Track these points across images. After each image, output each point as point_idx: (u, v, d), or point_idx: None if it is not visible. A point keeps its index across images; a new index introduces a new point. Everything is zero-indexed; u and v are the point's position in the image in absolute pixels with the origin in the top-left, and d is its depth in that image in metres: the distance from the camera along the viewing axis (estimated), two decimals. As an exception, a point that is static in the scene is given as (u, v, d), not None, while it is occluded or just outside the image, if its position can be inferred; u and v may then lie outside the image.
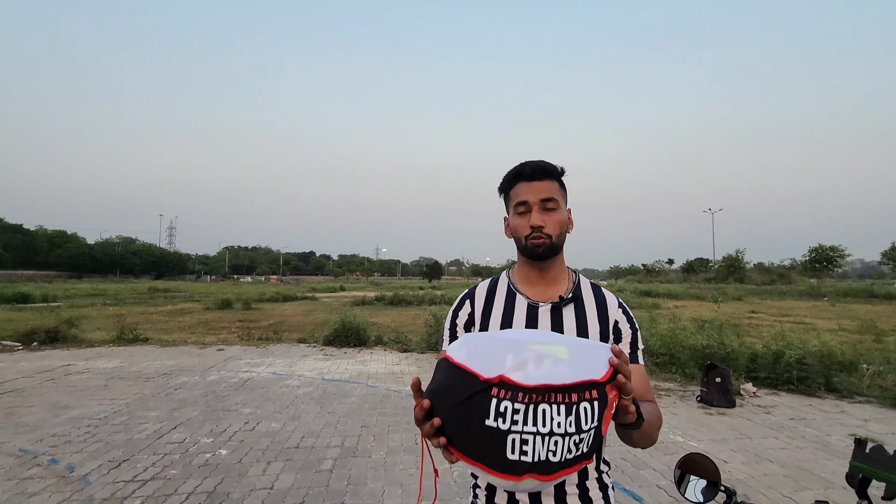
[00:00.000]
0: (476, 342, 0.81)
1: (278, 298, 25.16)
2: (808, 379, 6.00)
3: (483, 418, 0.73)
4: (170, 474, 3.39)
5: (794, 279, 51.43)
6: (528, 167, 1.12)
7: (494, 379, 0.73)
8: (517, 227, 1.13)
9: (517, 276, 1.20)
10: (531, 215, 1.09)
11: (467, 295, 1.22)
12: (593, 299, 1.16)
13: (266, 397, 5.53)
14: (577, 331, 1.10)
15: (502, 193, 1.18)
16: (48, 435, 4.19)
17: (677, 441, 4.22)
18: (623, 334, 1.14)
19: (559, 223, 1.11)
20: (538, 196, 1.09)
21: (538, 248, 1.09)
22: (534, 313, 1.12)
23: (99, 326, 12.07)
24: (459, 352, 0.80)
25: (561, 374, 0.74)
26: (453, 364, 0.78)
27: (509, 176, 1.15)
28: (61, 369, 7.06)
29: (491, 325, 1.15)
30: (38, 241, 78.57)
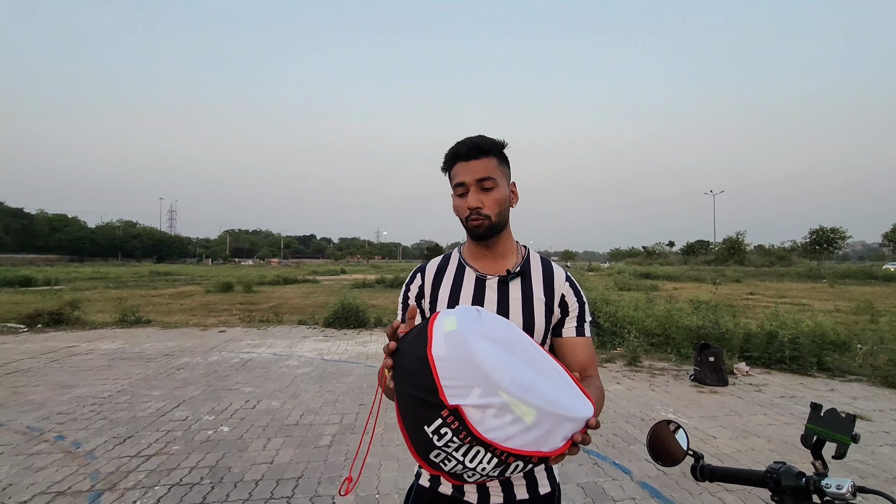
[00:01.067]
0: (459, 350, 0.76)
1: (279, 281, 25.32)
2: (801, 358, 6.09)
3: (424, 423, 0.76)
4: (173, 450, 3.49)
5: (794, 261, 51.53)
6: (463, 147, 1.10)
7: (451, 406, 0.73)
8: (457, 208, 1.13)
9: (467, 252, 1.21)
10: (468, 196, 1.09)
11: (419, 269, 1.24)
12: (541, 273, 1.17)
13: (266, 377, 5.63)
14: (523, 303, 1.12)
15: (445, 173, 1.16)
16: (54, 413, 4.29)
17: (669, 418, 4.31)
18: (570, 307, 1.15)
19: (498, 201, 1.10)
20: (474, 176, 1.08)
21: (478, 229, 1.10)
22: (481, 286, 1.14)
23: (101, 309, 12.19)
24: (440, 346, 0.77)
25: (513, 436, 0.73)
26: (427, 354, 0.77)
27: (448, 156, 1.13)
28: (65, 350, 7.17)
29: (440, 296, 1.16)
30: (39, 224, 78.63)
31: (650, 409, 4.54)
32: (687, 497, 2.87)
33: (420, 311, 1.20)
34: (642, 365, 6.40)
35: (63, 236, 78.28)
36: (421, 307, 1.20)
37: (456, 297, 1.14)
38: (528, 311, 1.12)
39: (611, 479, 3.09)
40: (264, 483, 2.99)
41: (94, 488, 2.89)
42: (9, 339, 8.22)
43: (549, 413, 0.73)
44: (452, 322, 0.80)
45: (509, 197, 1.14)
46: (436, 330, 0.79)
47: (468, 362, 0.74)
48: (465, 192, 1.10)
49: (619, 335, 7.46)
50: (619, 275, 30.35)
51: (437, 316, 0.83)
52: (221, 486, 2.95)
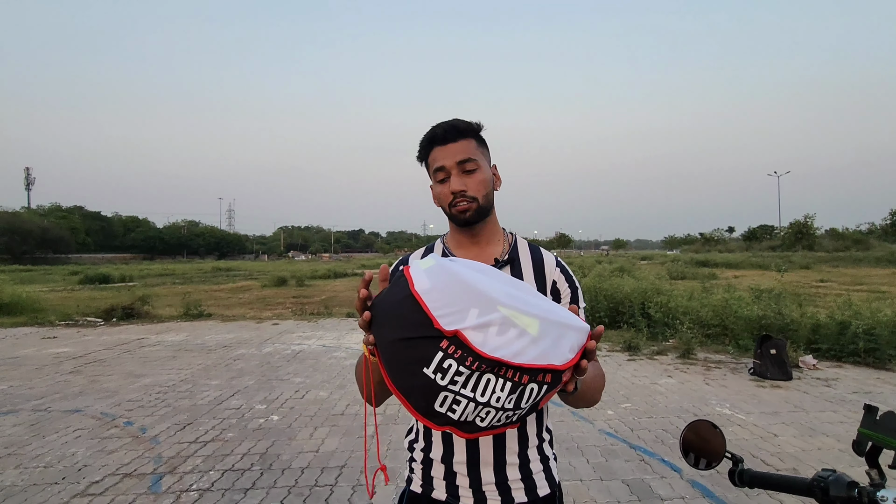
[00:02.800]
0: (444, 276, 0.72)
1: (329, 275, 26.16)
2: (878, 350, 5.58)
3: (422, 365, 0.69)
4: (227, 437, 3.68)
5: (873, 245, 47.23)
6: (439, 130, 1.04)
7: (449, 332, 0.67)
8: (439, 195, 1.07)
9: (451, 242, 1.15)
10: (451, 181, 1.03)
11: (402, 261, 1.17)
12: (530, 260, 1.12)
13: (315, 368, 5.83)
14: None
15: (422, 162, 1.11)
16: (124, 400, 4.64)
17: (724, 413, 4.08)
18: (562, 293, 1.10)
19: (482, 183, 1.04)
20: (454, 159, 1.02)
21: (464, 213, 1.04)
22: None
23: (168, 303, 13.06)
24: (422, 280, 0.72)
25: (521, 351, 0.68)
26: (411, 292, 0.71)
27: (423, 142, 1.07)
28: (136, 342, 7.74)
29: None
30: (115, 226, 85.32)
31: (704, 404, 4.32)
32: (743, 499, 2.70)
33: None
34: (696, 358, 6.09)
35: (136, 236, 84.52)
36: None
37: None
38: None
39: (659, 477, 2.96)
40: (310, 471, 3.10)
41: (156, 471, 3.10)
42: (88, 331, 8.98)
43: (552, 322, 0.70)
44: (430, 261, 0.77)
45: (493, 179, 1.08)
46: (413, 270, 0.75)
47: (457, 286, 0.70)
48: (445, 176, 1.04)
49: (672, 326, 7.13)
50: (674, 263, 29.03)
51: (411, 263, 0.81)
52: (270, 472, 3.08)
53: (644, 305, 8.02)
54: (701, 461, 1.02)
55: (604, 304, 8.45)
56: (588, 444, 3.45)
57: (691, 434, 1.05)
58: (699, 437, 1.04)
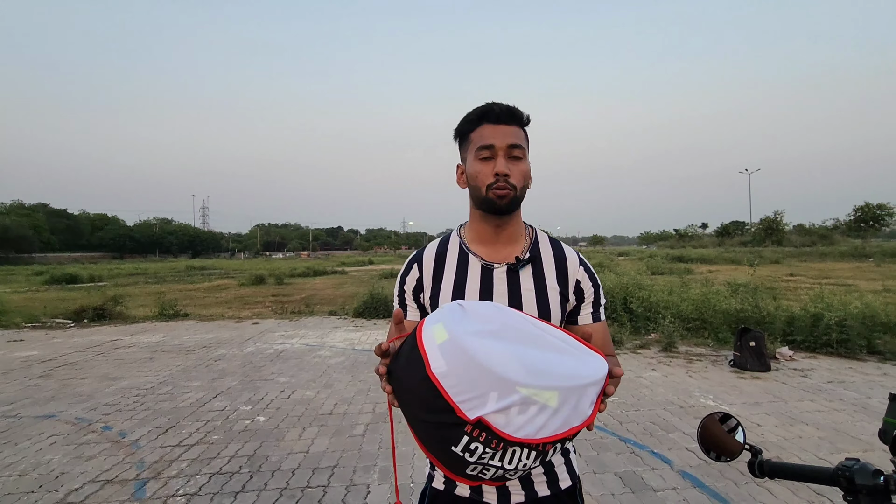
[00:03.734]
0: (459, 356, 0.70)
1: (309, 273, 25.79)
2: (849, 341, 5.79)
3: (450, 444, 0.71)
4: (212, 439, 3.58)
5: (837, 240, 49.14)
6: (496, 108, 0.99)
7: (472, 420, 0.68)
8: (478, 174, 0.99)
9: (469, 234, 1.09)
10: (496, 161, 0.97)
11: (415, 258, 1.11)
12: (552, 258, 1.07)
13: (300, 367, 5.73)
14: (537, 293, 1.03)
15: (458, 137, 1.05)
16: (100, 404, 4.47)
17: (708, 405, 4.17)
18: (585, 293, 1.07)
19: (524, 174, 1.00)
20: (505, 141, 0.97)
21: (502, 198, 0.98)
22: (489, 276, 1.03)
23: (142, 304, 12.67)
24: (438, 361, 0.71)
25: (544, 425, 0.69)
26: (428, 374, 0.70)
27: (473, 116, 1.01)
28: (110, 344, 7.48)
29: (442, 290, 1.05)
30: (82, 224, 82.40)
31: (688, 396, 4.40)
32: (732, 487, 2.76)
33: (419, 307, 1.10)
34: (678, 351, 6.22)
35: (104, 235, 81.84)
36: (419, 302, 1.09)
37: (461, 291, 1.03)
38: (542, 301, 1.02)
39: (650, 469, 3.00)
40: (301, 472, 3.04)
41: (139, 476, 2.99)
42: (57, 333, 8.63)
43: (570, 388, 0.71)
44: (442, 331, 0.73)
45: (530, 174, 1.04)
46: (427, 345, 0.73)
47: (474, 369, 0.69)
48: (490, 156, 0.98)
49: (654, 320, 7.26)
50: (652, 259, 29.62)
51: (423, 327, 0.76)
52: (260, 474, 3.01)
53: (626, 300, 8.14)
54: (720, 454, 1.02)
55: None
56: (579, 439, 3.48)
57: (707, 427, 1.05)
58: (716, 429, 1.04)
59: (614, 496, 2.69)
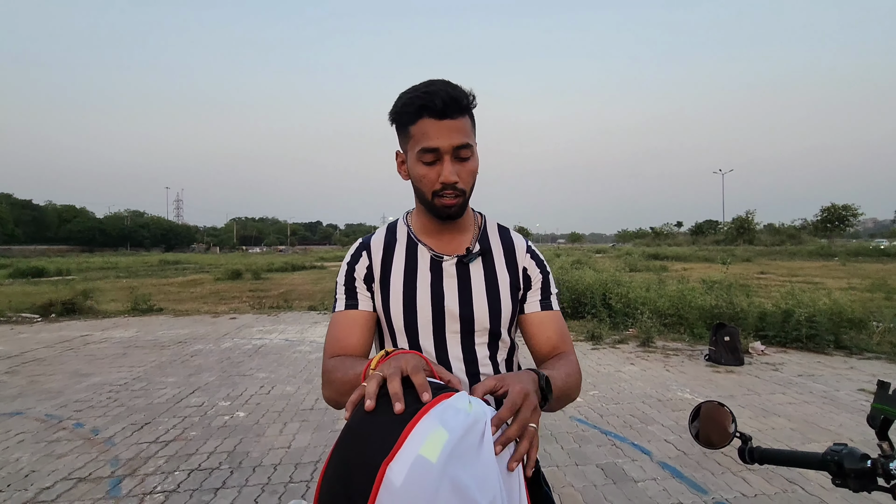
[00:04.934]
0: (418, 494, 0.53)
1: (287, 268, 25.41)
2: (818, 336, 6.00)
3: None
4: (190, 435, 3.50)
5: (805, 240, 50.94)
6: (437, 99, 0.84)
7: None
8: (423, 178, 0.90)
9: (417, 224, 1.03)
10: (442, 167, 0.88)
11: (363, 245, 1.05)
12: (501, 247, 1.04)
13: (280, 362, 5.65)
14: (487, 285, 0.99)
15: (395, 124, 0.93)
16: (71, 401, 4.33)
17: (685, 398, 4.27)
18: (532, 280, 1.03)
19: (473, 173, 0.92)
20: (451, 142, 0.86)
21: (450, 208, 0.91)
22: (438, 268, 1.00)
23: (113, 298, 12.29)
24: (401, 469, 0.54)
25: None
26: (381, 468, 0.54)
27: (411, 108, 0.87)
28: (80, 339, 7.23)
29: (392, 279, 1.00)
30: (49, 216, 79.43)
31: (666, 390, 4.50)
32: (709, 477, 2.83)
33: (369, 295, 1.02)
34: (655, 346, 6.35)
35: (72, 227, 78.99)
36: (371, 290, 1.02)
37: (412, 283, 0.99)
38: (492, 293, 0.99)
39: (630, 460, 3.06)
40: (283, 467, 3.00)
41: (114, 474, 2.91)
42: (24, 328, 8.31)
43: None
44: (436, 446, 0.56)
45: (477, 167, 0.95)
46: (411, 441, 0.56)
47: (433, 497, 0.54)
48: (435, 159, 0.88)
49: (632, 316, 7.40)
50: (628, 256, 30.18)
51: (424, 417, 0.59)
52: (240, 470, 2.95)
53: (605, 296, 8.27)
54: (711, 441, 1.04)
55: (566, 296, 8.66)
56: (561, 431, 3.52)
57: (699, 415, 1.07)
58: (707, 418, 1.06)
59: (596, 487, 2.73)
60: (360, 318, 1.00)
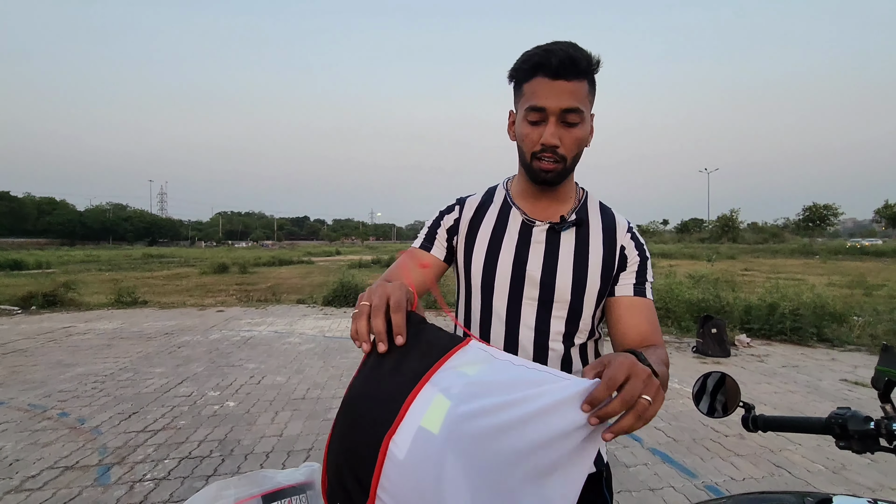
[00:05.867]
0: (420, 463, 0.53)
1: (274, 262, 25.18)
2: (801, 329, 6.14)
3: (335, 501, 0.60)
4: (180, 424, 3.46)
5: (787, 238, 51.97)
6: (554, 58, 0.81)
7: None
8: (525, 138, 0.88)
9: (515, 188, 1.01)
10: (546, 127, 0.84)
11: (458, 200, 1.06)
12: (600, 222, 0.98)
13: (269, 353, 5.60)
14: (576, 257, 0.93)
15: (512, 82, 0.91)
16: (55, 391, 4.24)
17: (673, 388, 4.34)
18: (629, 261, 0.96)
19: (579, 141, 0.87)
20: (560, 104, 0.82)
21: (547, 173, 0.88)
22: (527, 232, 0.96)
23: (96, 291, 12.05)
24: (404, 440, 0.54)
25: None
26: (385, 439, 0.55)
27: (527, 65, 0.85)
28: (62, 331, 7.08)
29: (479, 236, 0.99)
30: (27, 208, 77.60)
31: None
32: (698, 461, 2.88)
33: (448, 248, 1.03)
34: (644, 338, 6.43)
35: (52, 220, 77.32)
36: (452, 245, 1.03)
37: (497, 242, 0.96)
38: (580, 265, 0.93)
39: (622, 447, 3.10)
40: (275, 455, 2.98)
41: (102, 462, 2.86)
42: (3, 320, 8.11)
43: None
44: (438, 416, 0.54)
45: (588, 137, 0.91)
46: (411, 413, 0.55)
47: (423, 491, 0.52)
48: (540, 119, 0.85)
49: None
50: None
51: (425, 386, 0.57)
52: (232, 458, 2.92)
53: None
54: (715, 410, 1.06)
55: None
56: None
57: (705, 385, 1.08)
58: (713, 387, 1.08)
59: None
60: (429, 260, 1.02)
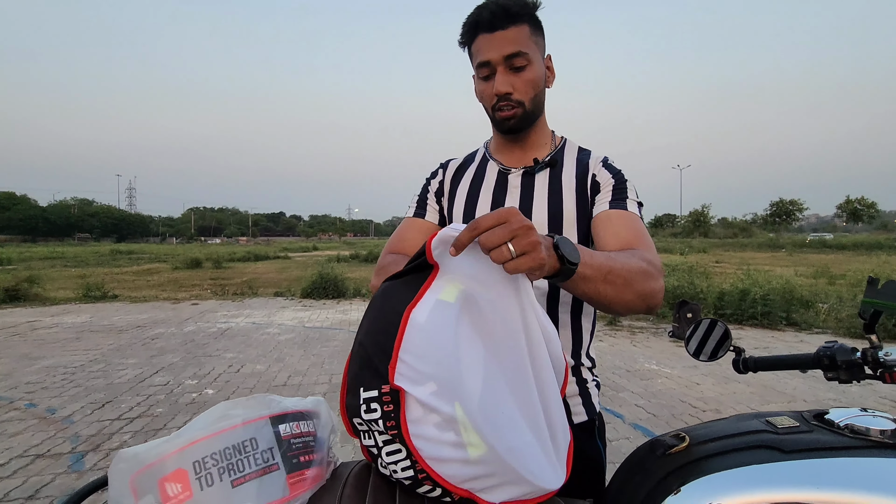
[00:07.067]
0: (439, 325, 0.58)
1: (250, 258, 24.69)
2: (771, 314, 6.35)
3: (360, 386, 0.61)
4: (157, 412, 3.36)
5: (755, 233, 53.74)
6: (486, 11, 0.85)
7: (393, 385, 0.57)
8: (482, 94, 0.93)
9: (492, 146, 1.06)
10: (495, 79, 0.87)
11: (442, 164, 1.11)
12: (574, 160, 0.98)
13: (247, 344, 5.49)
14: (550, 196, 0.94)
15: (464, 48, 0.94)
16: (22, 383, 4.07)
17: (652, 369, 4.44)
18: (602, 186, 0.93)
19: (531, 83, 0.88)
20: (501, 52, 0.85)
21: (508, 121, 0.91)
22: (503, 180, 0.99)
23: (62, 286, 11.62)
24: (423, 310, 0.59)
25: (443, 460, 0.56)
26: (405, 312, 0.59)
27: (466, 26, 0.90)
28: (26, 325, 6.80)
29: (458, 193, 1.03)
30: (-15, 203, 74.05)
31: (634, 362, 4.66)
32: (678, 435, 2.96)
33: (437, 208, 1.08)
34: (622, 324, 6.56)
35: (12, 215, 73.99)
36: (440, 205, 1.08)
37: (475, 194, 1.00)
38: (554, 202, 0.94)
39: (605, 423, 3.15)
40: (257, 438, 2.92)
41: (75, 450, 2.76)
42: (-37, 315, 7.74)
43: (500, 461, 0.55)
44: (453, 292, 0.60)
45: (545, 76, 0.92)
46: (431, 290, 0.61)
47: (442, 347, 0.56)
48: (490, 73, 0.88)
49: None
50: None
51: (438, 273, 0.62)
52: (213, 442, 2.86)
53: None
54: (706, 354, 1.08)
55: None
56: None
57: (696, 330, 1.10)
58: (704, 332, 1.09)
59: (573, 447, 2.80)
60: (424, 227, 1.05)
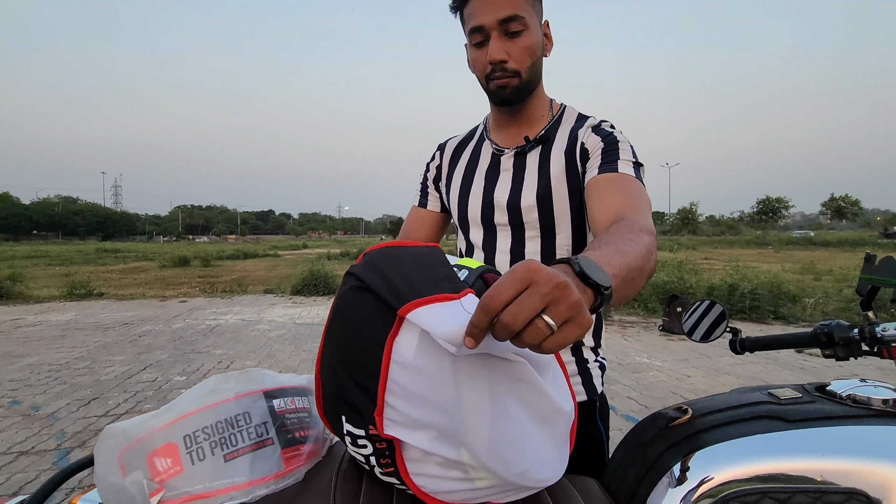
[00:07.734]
0: (433, 364, 0.46)
1: (239, 256, 24.47)
2: (759, 308, 6.43)
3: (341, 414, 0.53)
4: (145, 408, 3.31)
5: (742, 230, 54.47)
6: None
7: (384, 436, 0.49)
8: (475, 63, 0.86)
9: (490, 121, 1.00)
10: (489, 45, 0.81)
11: (440, 146, 1.06)
12: (567, 134, 0.90)
13: (237, 340, 5.43)
14: (539, 175, 0.89)
15: (456, 13, 0.87)
16: (5, 380, 3.98)
17: (643, 362, 4.47)
18: (591, 152, 0.85)
19: (528, 50, 0.82)
20: (496, 16, 0.79)
21: (503, 90, 0.84)
22: (497, 162, 0.95)
23: (46, 285, 11.41)
24: (409, 344, 0.47)
25: (450, 492, 0.52)
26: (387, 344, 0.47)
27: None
28: (9, 323, 6.66)
29: (454, 178, 0.99)
30: (-35, 201, 72.49)
31: (625, 355, 4.69)
32: (670, 426, 2.97)
33: (438, 195, 1.05)
34: (613, 319, 6.59)
35: (-6, 214, 72.58)
36: (438, 190, 1.05)
37: (469, 179, 0.97)
38: (543, 182, 0.88)
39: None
40: (248, 433, 2.89)
41: (61, 446, 2.70)
42: (-57, 314, 7.56)
43: (511, 483, 0.51)
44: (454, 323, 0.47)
45: (542, 43, 0.86)
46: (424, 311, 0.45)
47: (440, 391, 0.46)
48: (483, 39, 0.82)
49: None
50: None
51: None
52: (202, 438, 2.82)
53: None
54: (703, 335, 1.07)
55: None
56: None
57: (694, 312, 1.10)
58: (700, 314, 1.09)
59: (566, 439, 2.81)
60: (427, 217, 1.05)
